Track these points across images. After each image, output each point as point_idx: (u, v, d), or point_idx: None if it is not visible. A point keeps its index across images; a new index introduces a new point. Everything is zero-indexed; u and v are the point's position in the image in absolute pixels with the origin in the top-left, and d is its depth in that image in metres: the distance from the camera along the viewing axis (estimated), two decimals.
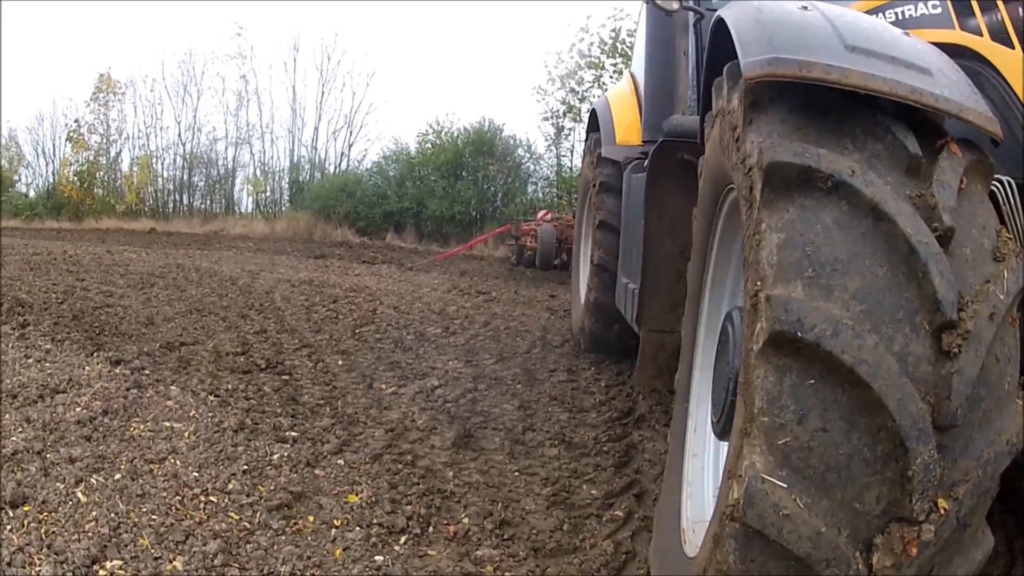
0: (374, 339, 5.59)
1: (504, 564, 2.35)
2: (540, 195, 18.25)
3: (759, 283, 1.33)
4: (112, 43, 36.28)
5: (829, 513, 1.24)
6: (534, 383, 4.55)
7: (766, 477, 1.24)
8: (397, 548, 2.41)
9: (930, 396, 1.23)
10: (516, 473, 3.12)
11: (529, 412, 3.96)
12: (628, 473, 3.15)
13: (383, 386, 4.33)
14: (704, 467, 2.11)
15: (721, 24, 1.83)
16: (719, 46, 1.92)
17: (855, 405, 1.22)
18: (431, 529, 2.54)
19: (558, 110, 17.43)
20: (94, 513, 2.52)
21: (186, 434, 3.31)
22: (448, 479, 2.98)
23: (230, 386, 4.09)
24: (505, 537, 2.53)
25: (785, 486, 1.24)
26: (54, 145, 24.17)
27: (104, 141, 23.46)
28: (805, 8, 1.62)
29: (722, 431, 1.80)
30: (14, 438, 3.10)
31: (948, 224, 1.31)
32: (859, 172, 1.33)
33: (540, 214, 13.26)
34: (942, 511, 1.25)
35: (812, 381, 1.24)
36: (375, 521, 2.55)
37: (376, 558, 2.33)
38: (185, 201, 23.76)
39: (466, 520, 2.63)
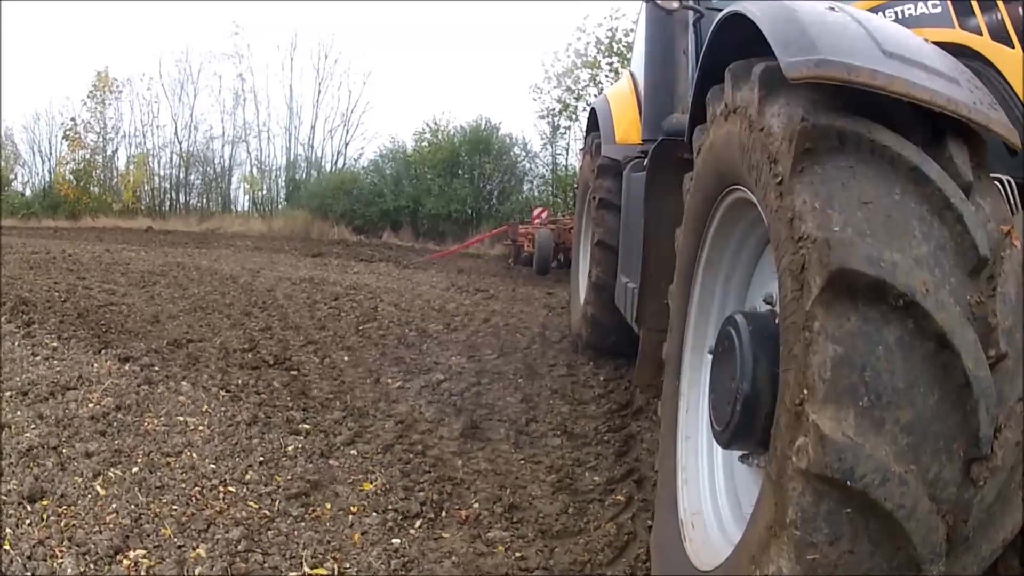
0: (377, 336, 5.69)
1: (514, 545, 2.47)
2: (536, 193, 18.35)
3: (806, 391, 1.26)
4: (109, 41, 36.25)
5: None
6: (535, 377, 4.67)
7: None
8: (412, 532, 2.52)
9: (948, 516, 1.25)
10: (522, 461, 3.24)
11: (532, 405, 4.07)
12: (628, 461, 3.27)
13: (390, 381, 4.43)
14: (698, 451, 2.10)
15: (732, 20, 1.79)
16: (723, 42, 1.90)
17: (883, 534, 1.25)
18: (444, 514, 2.65)
19: (554, 108, 17.56)
20: (114, 505, 2.56)
21: (200, 428, 3.38)
22: (457, 467, 3.09)
23: (240, 381, 4.17)
24: (514, 520, 2.65)
25: None
26: (50, 143, 24.17)
27: (100, 139, 23.48)
28: (832, 9, 1.58)
29: (727, 443, 1.79)
30: (28, 434, 3.12)
31: (1003, 351, 1.28)
32: (932, 290, 1.24)
33: (536, 212, 13.33)
34: None
35: (848, 511, 1.24)
36: (390, 507, 2.66)
37: (393, 541, 2.43)
38: (181, 199, 23.79)
39: (476, 505, 2.74)
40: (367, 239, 17.31)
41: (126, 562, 2.23)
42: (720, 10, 2.12)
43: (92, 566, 2.20)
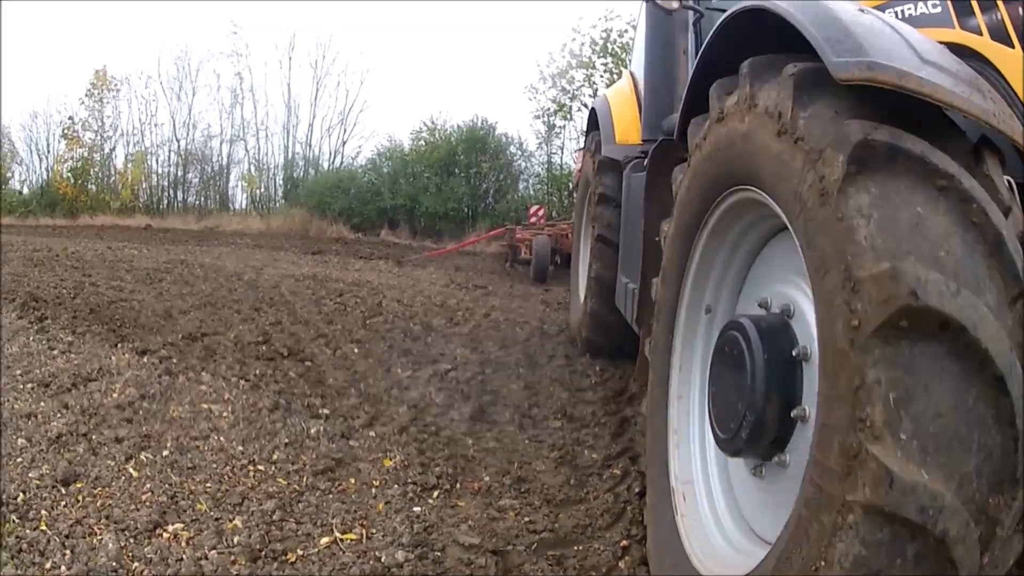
0: (384, 329, 5.89)
1: (523, 511, 2.71)
2: (531, 192, 18.58)
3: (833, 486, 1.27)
4: (108, 40, 36.29)
5: None
6: (536, 367, 4.90)
7: None
8: (431, 501, 2.75)
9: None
10: (526, 441, 3.48)
11: (533, 391, 4.31)
12: (623, 441, 3.50)
13: (400, 370, 4.64)
14: (690, 412, 2.06)
15: (741, 17, 1.77)
16: (727, 39, 1.91)
17: None
18: (458, 485, 2.89)
19: (549, 108, 17.78)
20: (148, 485, 2.68)
21: (225, 414, 3.54)
22: (469, 446, 3.34)
23: (258, 372, 4.35)
24: (522, 490, 2.89)
25: None
26: (48, 142, 24.22)
27: (99, 137, 23.55)
28: (862, 11, 1.56)
29: (734, 452, 1.77)
30: (55, 423, 3.23)
31: None
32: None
33: (532, 209, 13.51)
34: None
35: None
36: (410, 480, 2.88)
37: (415, 509, 2.65)
38: (179, 197, 23.89)
39: (487, 478, 2.98)
40: (365, 237, 17.48)
41: (166, 535, 2.34)
42: (721, 10, 2.14)
43: (132, 540, 2.29)
